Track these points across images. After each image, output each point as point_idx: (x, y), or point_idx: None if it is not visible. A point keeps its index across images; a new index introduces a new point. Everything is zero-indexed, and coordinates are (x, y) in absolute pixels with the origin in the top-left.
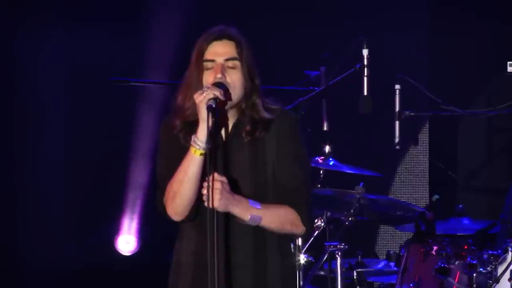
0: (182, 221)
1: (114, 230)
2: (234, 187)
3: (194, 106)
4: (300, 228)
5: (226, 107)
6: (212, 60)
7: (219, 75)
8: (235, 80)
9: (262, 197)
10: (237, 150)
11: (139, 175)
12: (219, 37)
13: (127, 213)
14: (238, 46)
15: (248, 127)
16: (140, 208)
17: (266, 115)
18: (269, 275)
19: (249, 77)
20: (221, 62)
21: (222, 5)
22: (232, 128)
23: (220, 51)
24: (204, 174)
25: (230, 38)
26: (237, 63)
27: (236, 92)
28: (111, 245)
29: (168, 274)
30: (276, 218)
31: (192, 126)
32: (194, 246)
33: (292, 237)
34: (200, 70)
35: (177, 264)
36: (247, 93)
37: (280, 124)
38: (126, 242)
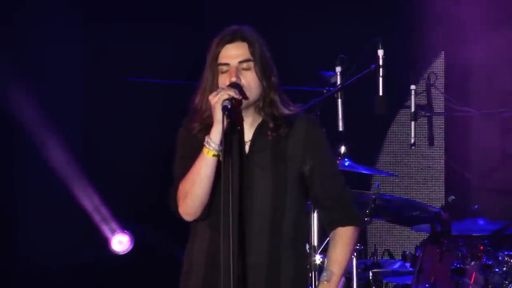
0: (194, 221)
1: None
2: (254, 188)
3: (211, 108)
4: (357, 233)
5: (242, 107)
6: (226, 64)
7: (233, 79)
8: (249, 80)
9: (281, 197)
10: (259, 150)
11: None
12: (231, 39)
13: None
14: (251, 46)
15: (271, 125)
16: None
17: (285, 111)
18: (282, 276)
19: (264, 75)
20: (235, 65)
21: (238, 5)
22: (257, 128)
23: (233, 54)
24: (219, 175)
25: (243, 39)
26: (251, 64)
27: (252, 92)
28: (108, 244)
29: (168, 272)
30: (348, 254)
31: (210, 128)
32: (207, 246)
33: (307, 237)
34: (215, 73)
35: (188, 264)
36: (264, 92)
37: (306, 129)
38: (120, 241)
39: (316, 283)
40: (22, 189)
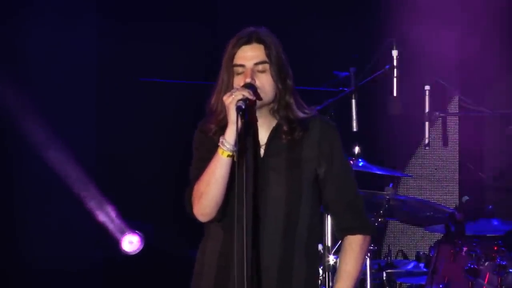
0: (208, 222)
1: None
2: (268, 192)
3: (225, 109)
4: (368, 242)
5: (256, 107)
6: (242, 65)
7: (248, 80)
8: (264, 83)
9: (295, 202)
10: (274, 154)
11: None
12: (248, 41)
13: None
14: (267, 48)
15: (286, 128)
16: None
17: (300, 114)
18: (294, 279)
19: (280, 78)
20: (251, 66)
21: (251, 5)
22: (271, 132)
23: (249, 56)
24: (233, 176)
25: (259, 41)
26: (267, 66)
27: (266, 94)
28: (116, 245)
29: (179, 272)
30: (359, 264)
31: (225, 129)
32: (220, 247)
33: (320, 238)
34: (231, 74)
35: (200, 264)
36: (279, 94)
37: (320, 131)
38: (130, 242)
39: (330, 284)
40: (32, 190)
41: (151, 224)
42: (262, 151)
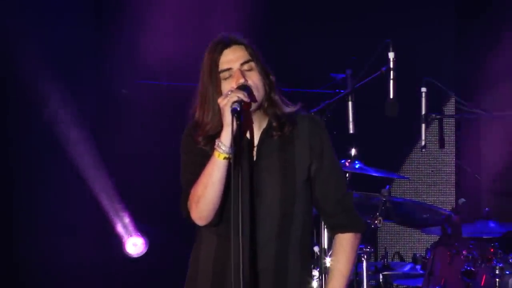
0: (206, 226)
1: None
2: (262, 194)
3: (215, 118)
4: (359, 239)
5: (252, 109)
6: (229, 69)
7: (242, 80)
8: (255, 81)
9: (290, 202)
10: (267, 155)
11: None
12: (227, 44)
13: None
14: (248, 48)
15: (275, 124)
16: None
17: (287, 109)
18: (289, 279)
19: (265, 74)
20: (238, 67)
21: (251, 7)
22: (262, 133)
23: (233, 58)
24: (229, 179)
25: (237, 42)
26: (252, 64)
27: (260, 92)
28: (120, 247)
29: (178, 275)
30: (350, 262)
31: (214, 139)
32: (215, 252)
33: (312, 234)
34: (217, 81)
35: (194, 270)
36: (267, 91)
37: (309, 129)
38: (134, 244)
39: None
40: (34, 192)
41: (154, 226)
42: (254, 153)
